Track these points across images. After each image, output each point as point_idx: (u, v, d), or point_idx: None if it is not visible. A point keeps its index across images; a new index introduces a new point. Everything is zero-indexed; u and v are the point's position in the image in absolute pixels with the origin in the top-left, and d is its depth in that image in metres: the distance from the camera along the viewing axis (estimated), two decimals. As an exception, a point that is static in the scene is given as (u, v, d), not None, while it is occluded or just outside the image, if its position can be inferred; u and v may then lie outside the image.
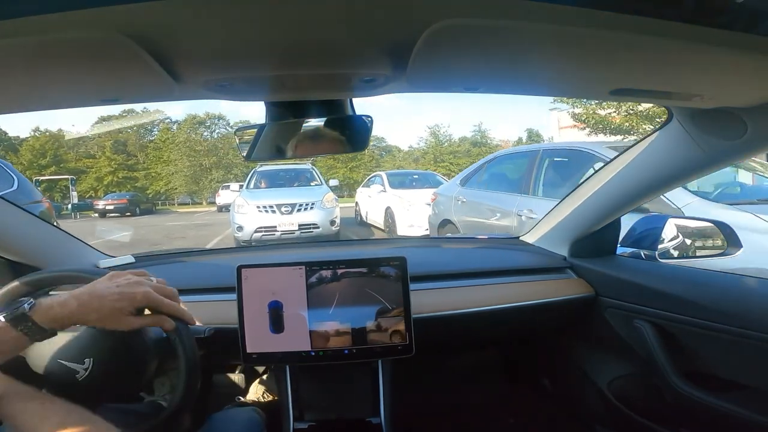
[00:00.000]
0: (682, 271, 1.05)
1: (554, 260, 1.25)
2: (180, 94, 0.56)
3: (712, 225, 1.21)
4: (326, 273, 0.97)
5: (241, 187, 7.93)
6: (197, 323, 0.81)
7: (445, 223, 4.24)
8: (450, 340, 1.20)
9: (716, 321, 0.87)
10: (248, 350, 0.95)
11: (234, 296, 0.96)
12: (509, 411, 1.52)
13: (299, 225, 5.65)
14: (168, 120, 29.70)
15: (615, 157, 1.03)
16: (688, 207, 2.14)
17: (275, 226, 5.58)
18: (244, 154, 0.74)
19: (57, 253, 1.11)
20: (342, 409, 1.07)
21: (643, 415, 1.10)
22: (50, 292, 1.07)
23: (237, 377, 1.43)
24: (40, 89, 0.52)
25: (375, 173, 8.82)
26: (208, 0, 0.34)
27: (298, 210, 5.74)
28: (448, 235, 3.98)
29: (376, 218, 7.07)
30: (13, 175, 3.26)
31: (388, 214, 6.43)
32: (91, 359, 0.68)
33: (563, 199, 1.25)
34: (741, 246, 1.11)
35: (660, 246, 1.17)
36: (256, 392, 1.40)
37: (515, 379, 1.60)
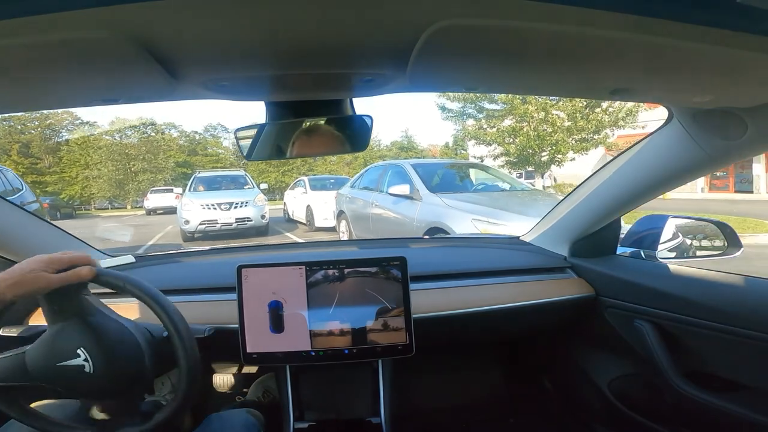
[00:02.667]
0: (682, 271, 1.05)
1: (554, 260, 1.25)
2: (180, 93, 0.56)
3: (712, 224, 1.21)
4: (326, 273, 0.97)
5: (184, 189, 9.64)
6: (197, 323, 0.81)
7: (341, 213, 5.82)
8: (450, 339, 1.20)
9: (716, 321, 0.87)
10: (248, 350, 0.95)
11: (234, 296, 0.96)
12: (509, 411, 1.52)
13: (236, 219, 7.16)
14: (80, 122, 27.84)
15: (615, 157, 1.03)
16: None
17: (216, 220, 7.05)
18: (245, 153, 0.74)
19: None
20: (342, 409, 1.07)
21: (644, 414, 1.10)
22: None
23: (237, 377, 1.43)
24: (40, 89, 0.52)
25: (299, 178, 10.33)
26: (209, 0, 0.34)
27: (235, 207, 7.20)
28: (449, 235, 4.02)
29: (300, 215, 8.48)
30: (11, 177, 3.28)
31: (309, 211, 7.91)
32: (83, 348, 0.68)
33: (564, 198, 1.25)
34: (741, 246, 1.11)
35: (660, 246, 1.17)
36: (256, 392, 1.41)
37: (515, 379, 1.60)
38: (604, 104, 9.74)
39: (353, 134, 0.72)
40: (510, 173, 8.46)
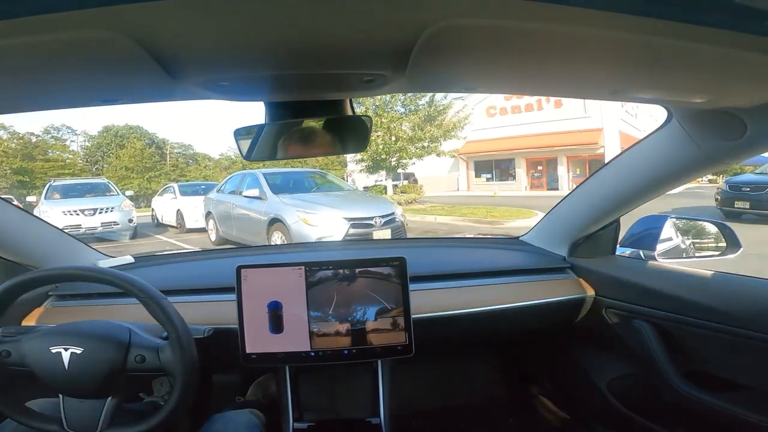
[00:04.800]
0: (681, 272, 1.05)
1: (554, 260, 1.25)
2: (180, 94, 0.56)
3: (712, 225, 1.21)
4: (326, 273, 0.96)
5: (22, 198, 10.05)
6: (196, 324, 0.82)
7: (209, 214, 6.91)
8: (450, 340, 1.20)
9: (716, 321, 0.87)
10: (248, 350, 0.95)
11: (233, 296, 0.96)
12: (509, 411, 1.52)
13: (101, 223, 7.62)
14: None
15: (615, 158, 1.03)
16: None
17: (80, 225, 7.39)
18: (244, 153, 0.73)
19: (56, 253, 1.11)
20: (342, 409, 1.07)
21: (643, 414, 1.10)
22: (49, 292, 1.08)
23: (237, 378, 1.43)
24: (40, 89, 0.52)
25: (167, 185, 11.12)
26: (208, 0, 0.34)
27: (100, 212, 7.70)
28: (450, 236, 4.05)
29: (170, 219, 9.23)
30: None
31: (179, 215, 8.75)
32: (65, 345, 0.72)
33: (563, 199, 1.25)
34: (740, 246, 1.12)
35: (659, 246, 1.17)
36: (255, 393, 1.40)
37: (515, 379, 1.60)
38: (441, 117, 12.53)
39: (353, 134, 0.72)
40: (380, 177, 12.88)
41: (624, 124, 17.57)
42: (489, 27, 0.39)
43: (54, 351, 0.71)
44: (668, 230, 1.20)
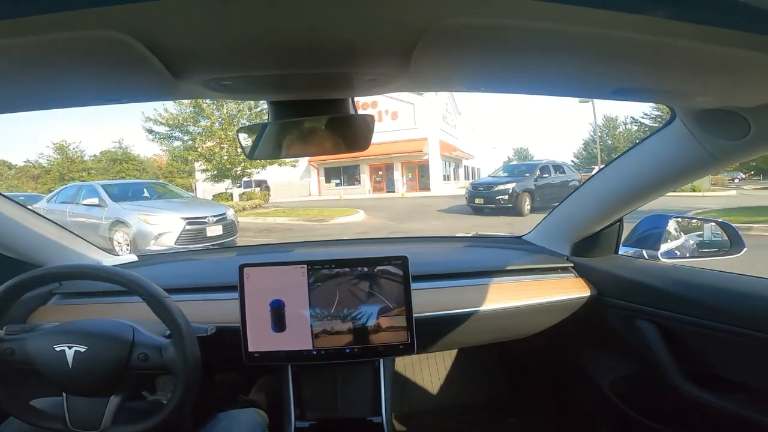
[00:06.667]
0: (684, 271, 1.04)
1: (556, 260, 1.25)
2: (182, 93, 0.56)
3: (715, 224, 1.21)
4: (328, 272, 0.97)
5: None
6: (199, 322, 0.82)
7: None
8: (451, 339, 1.20)
9: (718, 321, 0.87)
10: (250, 349, 0.95)
11: (236, 295, 0.96)
12: (509, 411, 1.52)
13: None
14: None
15: (618, 156, 1.03)
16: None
17: None
18: (247, 152, 0.74)
19: (61, 251, 1.12)
20: (343, 408, 1.07)
21: (645, 414, 1.10)
22: (54, 290, 1.08)
23: (239, 376, 1.44)
24: (41, 89, 0.52)
25: None
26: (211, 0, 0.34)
27: None
28: (452, 235, 4.08)
29: None
30: None
31: None
32: (69, 343, 0.73)
33: (566, 198, 1.24)
34: (744, 246, 1.11)
35: (662, 246, 1.16)
36: (258, 391, 1.41)
37: (516, 378, 1.60)
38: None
39: (355, 133, 0.72)
40: (230, 185, 14.22)
41: (443, 133, 20.82)
42: (492, 26, 0.38)
43: (58, 349, 0.72)
44: (671, 230, 1.20)
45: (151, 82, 0.51)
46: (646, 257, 1.17)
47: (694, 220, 1.32)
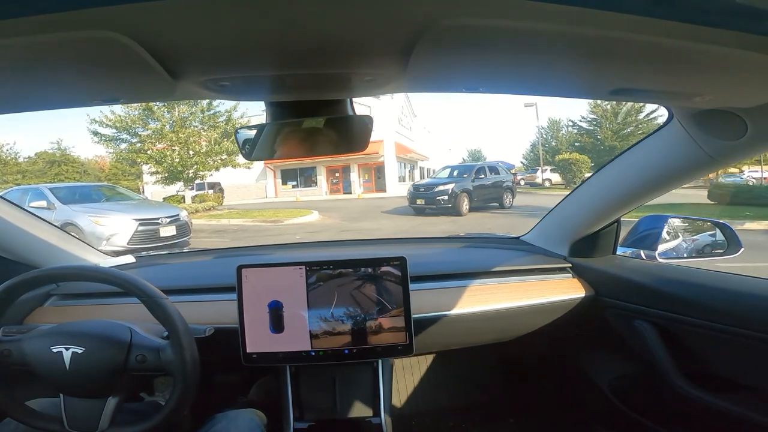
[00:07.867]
0: (682, 271, 1.05)
1: (554, 260, 1.25)
2: (180, 93, 0.56)
3: (712, 224, 1.21)
4: (326, 273, 0.96)
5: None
6: (197, 323, 0.82)
7: None
8: (450, 339, 1.20)
9: (717, 321, 0.87)
10: (248, 350, 0.95)
11: (234, 296, 0.96)
12: (509, 411, 1.52)
13: None
14: None
15: (615, 157, 1.03)
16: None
17: None
18: (245, 153, 0.74)
19: (58, 252, 1.11)
20: (342, 409, 1.07)
21: (643, 414, 1.10)
22: (51, 291, 1.08)
23: (238, 377, 1.43)
24: (40, 89, 0.52)
25: None
26: (209, 1, 0.34)
27: None
28: (450, 235, 4.09)
29: None
30: None
31: None
32: (66, 344, 0.73)
33: (564, 199, 1.25)
34: (741, 246, 1.11)
35: (660, 246, 1.17)
36: (256, 392, 1.40)
37: (515, 379, 1.60)
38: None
39: (353, 134, 0.72)
40: (182, 188, 14.04)
41: (399, 136, 21.08)
42: (490, 27, 0.39)
43: (55, 350, 0.71)
44: (669, 230, 1.20)
45: (148, 83, 0.51)
46: (644, 257, 1.18)
47: (691, 220, 1.32)
